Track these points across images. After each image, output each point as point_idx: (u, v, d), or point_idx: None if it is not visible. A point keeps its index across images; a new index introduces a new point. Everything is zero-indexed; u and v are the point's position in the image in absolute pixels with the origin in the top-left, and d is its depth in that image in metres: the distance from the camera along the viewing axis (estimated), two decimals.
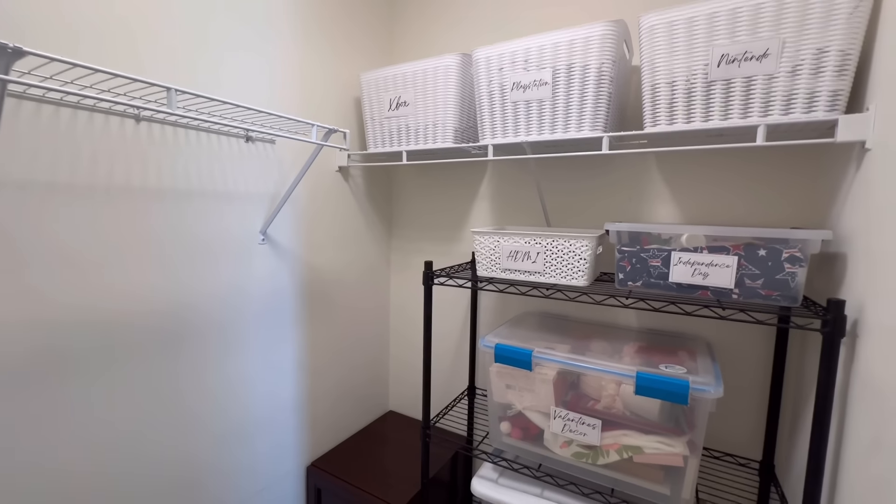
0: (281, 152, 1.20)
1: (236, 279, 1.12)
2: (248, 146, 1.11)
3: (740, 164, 1.06)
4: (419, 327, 1.64)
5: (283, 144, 1.21)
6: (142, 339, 0.93)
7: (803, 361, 0.99)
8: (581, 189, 1.28)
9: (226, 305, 1.10)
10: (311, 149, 1.27)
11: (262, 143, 1.15)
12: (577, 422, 0.96)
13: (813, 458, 0.74)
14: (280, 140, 1.19)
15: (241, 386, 1.16)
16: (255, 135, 1.12)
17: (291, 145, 1.23)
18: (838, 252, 0.82)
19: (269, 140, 1.16)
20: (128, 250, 0.90)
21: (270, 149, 1.17)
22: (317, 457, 1.41)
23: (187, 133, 0.98)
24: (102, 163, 0.84)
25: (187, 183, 0.98)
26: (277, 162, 1.20)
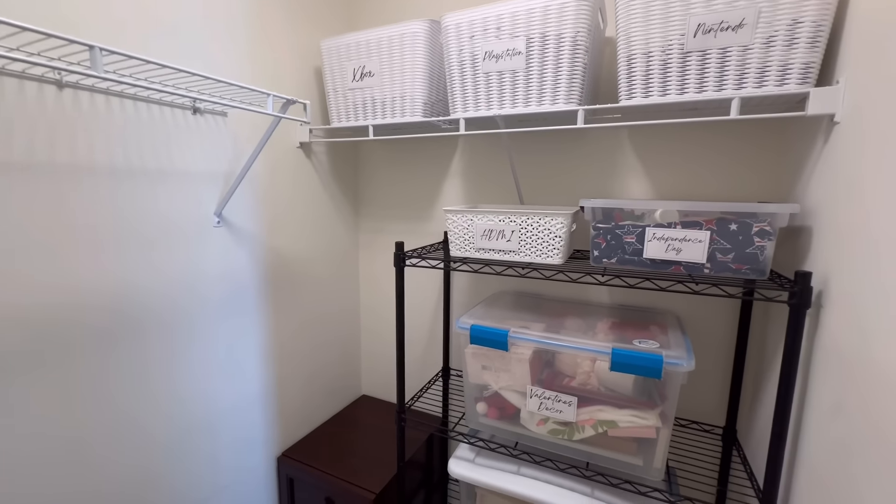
0: (234, 126, 1.10)
1: (190, 266, 1.03)
2: (196, 119, 1.01)
3: (711, 138, 1.07)
4: (391, 309, 1.60)
5: (237, 118, 1.10)
6: (79, 336, 0.84)
7: (765, 332, 1.03)
8: (554, 165, 1.26)
9: (181, 294, 1.01)
10: (268, 122, 1.17)
11: (213, 115, 1.05)
12: (553, 399, 0.96)
13: (777, 422, 0.77)
14: (233, 113, 1.09)
15: (203, 378, 1.08)
16: (204, 106, 1.01)
17: (246, 119, 1.13)
18: (803, 226, 0.84)
19: (220, 112, 1.06)
20: (54, 236, 0.79)
21: (222, 122, 1.07)
22: (288, 446, 1.37)
23: (123, 103, 0.87)
24: (19, 135, 0.73)
25: (126, 160, 0.88)
26: (231, 137, 1.09)
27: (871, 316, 0.59)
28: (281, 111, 0.91)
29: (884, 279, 0.57)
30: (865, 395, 0.59)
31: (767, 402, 0.97)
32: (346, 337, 1.61)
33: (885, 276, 0.57)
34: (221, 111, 1.06)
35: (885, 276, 0.57)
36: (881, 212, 0.59)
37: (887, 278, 0.56)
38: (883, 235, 0.58)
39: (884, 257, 0.58)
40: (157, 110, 0.93)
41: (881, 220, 0.59)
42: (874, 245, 0.60)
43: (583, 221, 1.19)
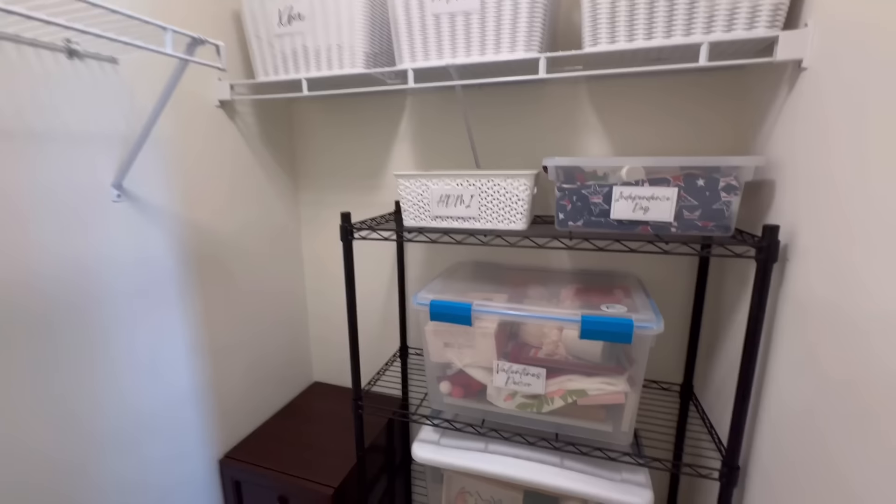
0: (130, 78, 0.90)
1: (89, 250, 0.84)
2: (74, 66, 0.80)
3: (671, 92, 1.03)
4: (340, 288, 1.48)
5: (134, 67, 0.90)
6: None
7: (721, 289, 1.04)
8: (510, 126, 1.17)
9: (82, 284, 0.83)
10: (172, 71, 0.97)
11: (98, 62, 0.84)
12: (521, 373, 0.91)
13: (743, 376, 0.77)
14: (128, 61, 0.88)
15: (122, 380, 0.91)
16: (84, 47, 0.80)
17: (146, 68, 0.92)
18: (765, 179, 0.83)
19: (107, 59, 0.85)
20: None
21: (112, 72, 0.86)
22: (231, 446, 1.23)
23: None
24: None
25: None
26: (126, 91, 0.89)
27: (844, 266, 0.57)
28: (186, 53, 0.73)
29: (854, 229, 0.55)
30: (838, 344, 0.58)
31: (724, 357, 0.99)
32: (292, 321, 1.46)
33: (857, 226, 0.55)
34: (109, 56, 0.86)
35: (857, 227, 0.55)
36: (853, 160, 0.57)
37: (859, 228, 0.54)
38: (856, 184, 0.56)
39: (857, 206, 0.55)
40: (14, 52, 0.72)
41: (854, 169, 0.57)
42: (847, 195, 0.58)
43: (542, 185, 1.13)
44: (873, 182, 0.53)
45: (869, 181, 0.54)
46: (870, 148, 0.54)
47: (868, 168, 0.54)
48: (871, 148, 0.54)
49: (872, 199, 0.53)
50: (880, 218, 0.51)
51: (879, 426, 0.49)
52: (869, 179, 0.54)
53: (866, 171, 0.55)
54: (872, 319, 0.52)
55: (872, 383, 0.51)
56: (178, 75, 0.77)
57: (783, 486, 0.70)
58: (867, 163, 0.55)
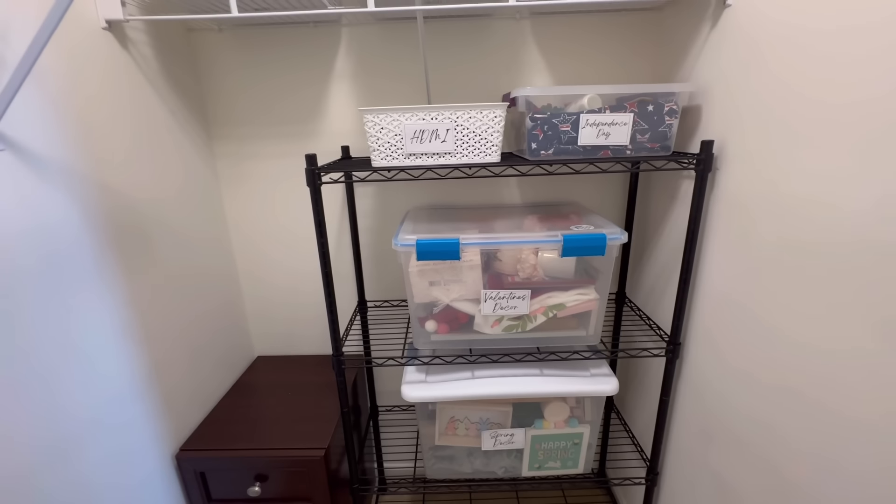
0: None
1: None
2: None
3: (601, 31, 1.12)
4: (274, 252, 1.34)
5: None
6: None
7: (648, 203, 1.23)
8: (457, 62, 1.16)
9: None
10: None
11: None
12: (507, 298, 0.98)
13: (685, 268, 0.95)
14: None
15: (33, 389, 0.72)
16: None
17: None
18: (692, 105, 0.98)
19: None
20: None
21: None
22: (185, 438, 1.08)
23: None
24: None
25: None
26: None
27: (769, 164, 0.74)
28: None
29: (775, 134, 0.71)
30: (770, 221, 0.75)
31: (655, 262, 1.19)
32: (224, 294, 1.29)
33: (777, 131, 0.71)
34: None
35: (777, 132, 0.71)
36: (772, 81, 0.72)
37: (779, 133, 0.70)
38: (775, 99, 0.72)
39: (777, 117, 0.71)
40: None
41: (773, 88, 0.72)
42: (768, 108, 0.74)
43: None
44: (789, 96, 0.68)
45: (786, 96, 0.69)
46: (785, 69, 0.69)
47: (785, 86, 0.69)
48: (787, 69, 0.69)
49: (789, 108, 0.69)
50: (796, 122, 0.67)
51: (806, 272, 0.67)
52: (786, 95, 0.69)
53: (784, 88, 0.70)
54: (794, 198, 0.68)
55: (797, 243, 0.68)
56: None
57: (718, 345, 0.90)
58: (784, 82, 0.70)
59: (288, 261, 1.35)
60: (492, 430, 1.11)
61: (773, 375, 0.75)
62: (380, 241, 1.32)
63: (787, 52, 0.69)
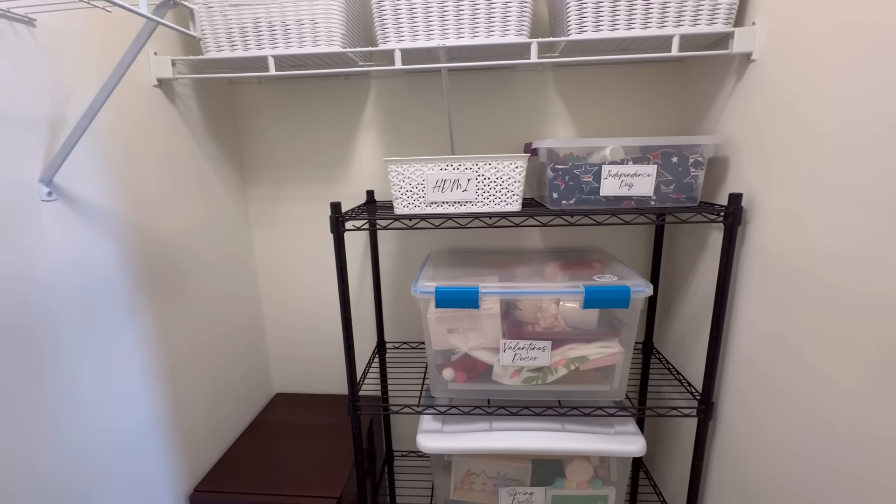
0: (50, 44, 0.72)
1: (12, 259, 0.66)
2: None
3: (624, 83, 1.14)
4: (298, 292, 1.37)
5: (54, 31, 0.72)
6: None
7: (675, 254, 1.19)
8: (480, 112, 1.19)
9: (7, 299, 0.65)
10: (106, 38, 0.80)
11: (8, 21, 0.66)
12: (527, 348, 0.95)
13: (715, 325, 0.90)
14: (48, 23, 0.70)
15: (62, 418, 0.74)
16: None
17: (70, 33, 0.75)
18: (718, 156, 0.97)
19: (21, 18, 0.67)
20: None
21: (27, 35, 0.68)
22: (200, 478, 1.08)
23: None
24: None
25: None
26: (47, 62, 0.71)
27: (808, 220, 0.71)
28: (157, 14, 0.61)
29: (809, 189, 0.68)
30: (805, 281, 0.71)
31: (684, 313, 1.14)
32: (248, 331, 1.32)
33: (812, 186, 0.68)
34: (23, 17, 0.67)
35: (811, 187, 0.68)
36: (803, 135, 0.70)
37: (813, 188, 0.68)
38: (807, 154, 0.70)
39: (810, 171, 0.69)
40: None
41: (804, 142, 0.70)
42: (800, 163, 0.71)
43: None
44: (822, 151, 0.66)
45: (819, 151, 0.67)
46: (816, 123, 0.68)
47: (817, 140, 0.67)
48: (817, 123, 0.67)
49: (822, 164, 0.66)
50: (830, 177, 0.64)
51: (850, 340, 0.62)
52: (818, 150, 0.67)
53: (815, 142, 0.68)
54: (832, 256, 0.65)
55: (837, 305, 0.64)
56: (141, 42, 0.64)
57: (751, 414, 0.84)
58: (816, 136, 0.68)
59: (311, 301, 1.37)
60: (510, 487, 1.05)
61: (814, 452, 0.69)
62: (400, 283, 1.33)
63: (818, 107, 0.68)
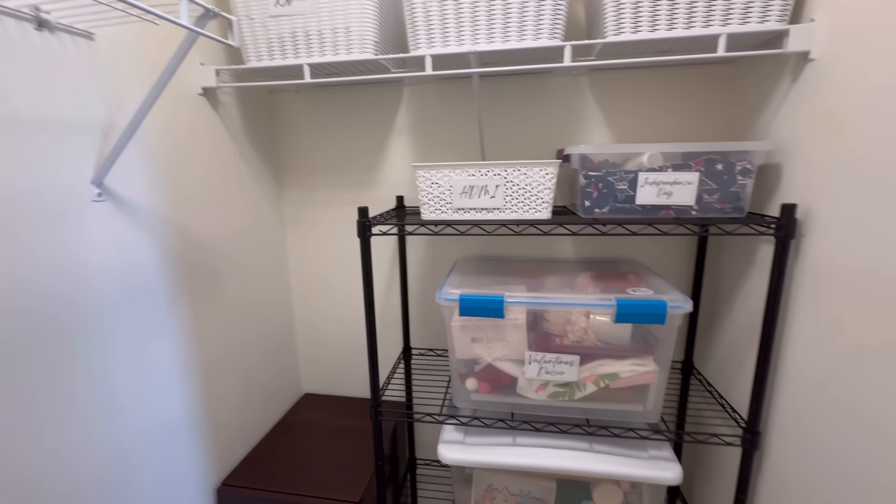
0: (107, 56, 0.77)
1: (64, 256, 0.71)
2: (44, 39, 0.67)
3: (666, 85, 1.08)
4: (330, 293, 1.39)
5: (112, 43, 0.77)
6: None
7: (719, 267, 1.11)
8: (512, 117, 1.17)
9: (54, 294, 0.69)
10: (157, 50, 0.85)
11: (70, 36, 0.71)
12: (554, 362, 0.91)
13: (764, 346, 0.83)
14: (105, 35, 0.76)
15: (102, 407, 0.78)
16: (55, 16, 0.67)
17: (124, 45, 0.80)
18: (770, 163, 0.89)
19: (81, 32, 0.72)
20: None
21: (87, 47, 0.74)
22: (227, 473, 1.11)
23: None
24: None
25: None
26: (103, 72, 0.77)
27: (873, 237, 0.63)
28: (197, 25, 0.64)
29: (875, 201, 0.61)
30: (869, 309, 0.63)
31: (727, 332, 1.06)
32: (279, 331, 1.35)
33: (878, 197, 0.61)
34: (84, 31, 0.73)
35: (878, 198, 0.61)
36: (865, 140, 0.63)
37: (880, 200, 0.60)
38: (872, 161, 0.62)
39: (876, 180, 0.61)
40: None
41: (867, 148, 0.63)
42: (864, 171, 0.64)
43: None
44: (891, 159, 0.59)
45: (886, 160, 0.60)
46: (883, 129, 0.60)
47: (884, 147, 0.60)
48: (885, 129, 0.60)
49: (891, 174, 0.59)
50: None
51: None
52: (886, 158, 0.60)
53: (882, 150, 0.61)
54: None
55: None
56: (184, 51, 0.67)
57: (807, 446, 0.75)
58: (882, 143, 0.61)
59: (340, 304, 1.39)
60: None
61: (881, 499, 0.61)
62: (428, 290, 1.32)
63: (886, 111, 0.61)
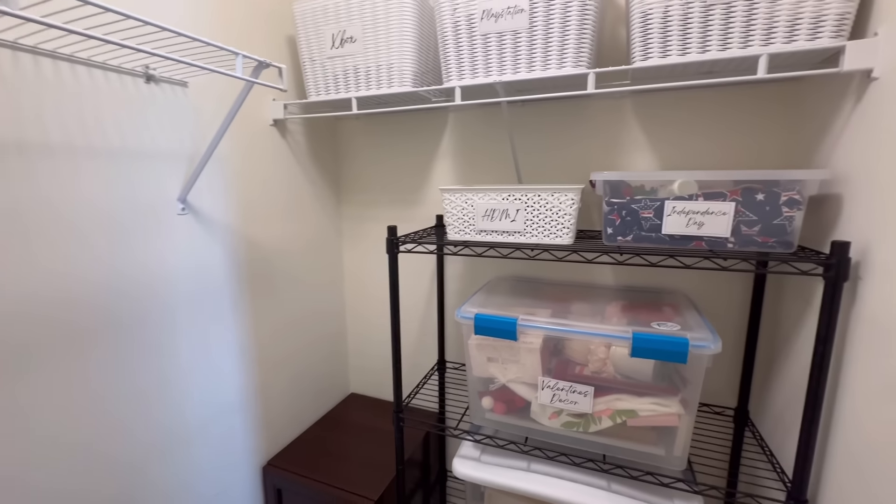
0: (197, 99, 0.96)
1: (155, 258, 0.90)
2: (150, 89, 0.87)
3: (720, 106, 1.01)
4: (378, 301, 1.50)
5: (200, 89, 0.96)
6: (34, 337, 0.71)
7: (779, 308, 0.99)
8: (552, 142, 1.17)
9: (147, 291, 0.88)
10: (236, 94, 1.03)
11: (171, 85, 0.90)
12: (567, 390, 0.89)
13: (810, 403, 0.72)
14: (195, 83, 0.95)
15: (173, 384, 0.96)
16: (159, 72, 0.87)
17: (210, 90, 0.99)
18: (830, 193, 0.79)
19: (178, 82, 0.92)
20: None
21: (182, 94, 0.93)
22: (273, 454, 1.25)
23: (57, 66, 0.72)
24: None
25: (65, 135, 0.74)
26: (193, 112, 0.96)
27: None
28: (252, 76, 0.78)
29: None
30: None
31: (784, 381, 0.94)
32: (331, 333, 1.49)
33: None
34: (181, 80, 0.92)
35: None
36: None
37: None
38: None
39: None
40: (102, 78, 0.78)
41: None
42: None
43: (585, 200, 1.12)
44: None
45: None
46: None
47: None
48: None
49: None
50: None
51: None
52: None
53: None
54: None
55: None
56: (243, 96, 0.82)
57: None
58: None
59: (387, 314, 1.49)
60: None
61: None
62: None
63: None
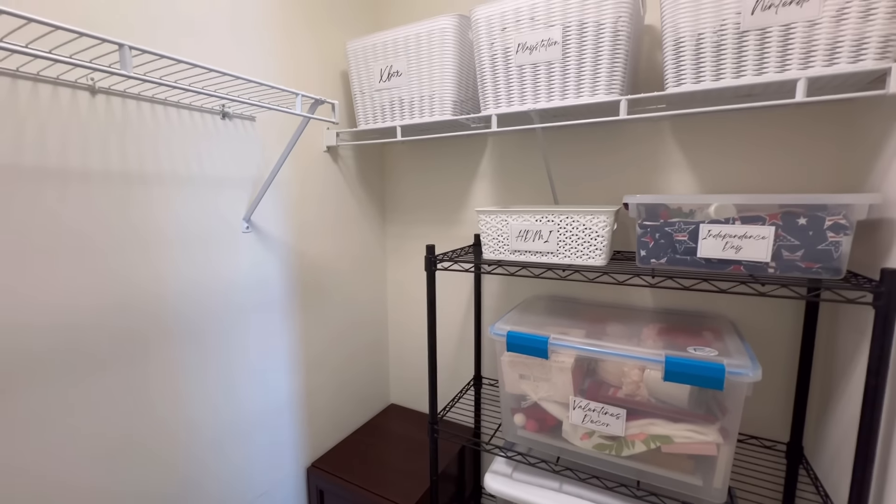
0: (262, 131, 1.09)
1: (221, 271, 1.01)
2: (224, 124, 1.00)
3: (763, 127, 0.98)
4: (419, 316, 1.56)
5: (265, 122, 1.09)
6: (119, 339, 0.83)
7: (834, 337, 0.93)
8: (590, 164, 1.19)
9: (212, 300, 1.00)
10: (295, 126, 1.16)
11: (241, 120, 1.03)
12: (598, 412, 0.90)
13: (863, 441, 0.68)
14: (261, 118, 1.08)
15: (233, 384, 1.06)
16: (233, 109, 1.00)
17: (274, 123, 1.11)
18: (882, 218, 0.75)
19: (247, 117, 1.05)
20: (88, 240, 0.79)
21: (250, 127, 1.06)
22: (317, 456, 1.33)
23: (153, 108, 0.86)
24: (52, 141, 0.73)
25: (156, 165, 0.87)
26: (259, 142, 1.08)
27: None
28: (309, 112, 0.89)
29: None
30: None
31: (841, 416, 0.88)
32: (374, 345, 1.57)
33: None
34: (250, 115, 1.05)
35: None
36: None
37: None
38: None
39: None
40: (188, 116, 0.92)
41: None
42: None
43: (623, 221, 1.13)
44: None
45: None
46: None
47: None
48: None
49: None
50: None
51: None
52: None
53: None
54: None
55: None
56: (301, 128, 0.93)
57: None
58: None
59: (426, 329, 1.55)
60: None
61: None
62: None
63: None
